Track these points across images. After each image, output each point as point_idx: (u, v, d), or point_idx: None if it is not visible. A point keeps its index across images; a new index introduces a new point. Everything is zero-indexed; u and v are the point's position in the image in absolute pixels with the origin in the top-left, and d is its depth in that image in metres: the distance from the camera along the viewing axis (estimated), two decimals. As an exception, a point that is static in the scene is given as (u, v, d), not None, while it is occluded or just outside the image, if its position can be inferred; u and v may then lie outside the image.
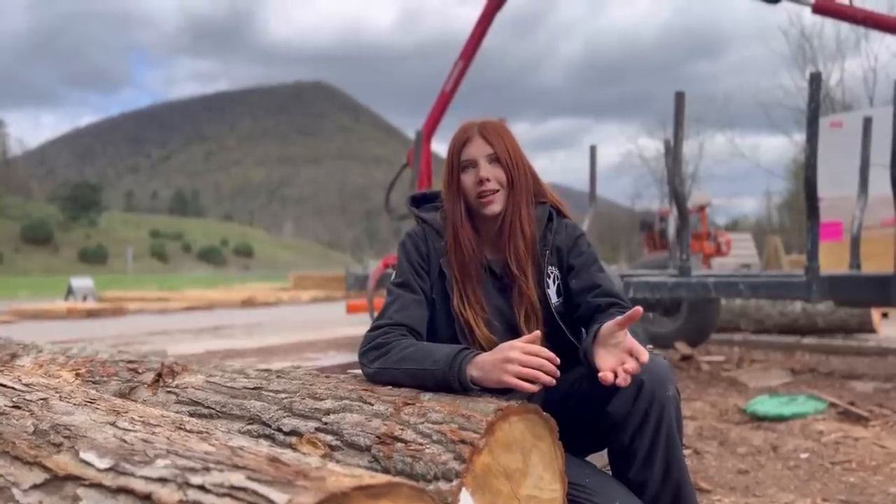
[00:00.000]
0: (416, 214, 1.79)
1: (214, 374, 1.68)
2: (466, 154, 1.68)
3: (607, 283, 1.66)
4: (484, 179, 1.64)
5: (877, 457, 2.85)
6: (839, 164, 6.68)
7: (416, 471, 1.20)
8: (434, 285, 1.70)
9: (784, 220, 39.46)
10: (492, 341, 1.64)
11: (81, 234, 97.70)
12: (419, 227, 1.76)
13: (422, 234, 1.74)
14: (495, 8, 6.89)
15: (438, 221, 1.75)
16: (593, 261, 1.71)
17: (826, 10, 5.53)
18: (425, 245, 1.72)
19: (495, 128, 1.69)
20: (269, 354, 6.92)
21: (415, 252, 1.72)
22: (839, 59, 27.71)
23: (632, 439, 1.47)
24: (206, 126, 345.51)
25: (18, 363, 2.07)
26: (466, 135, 1.69)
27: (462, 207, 1.69)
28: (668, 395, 1.46)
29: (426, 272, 1.71)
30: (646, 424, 1.46)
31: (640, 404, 1.44)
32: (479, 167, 1.65)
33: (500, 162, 1.66)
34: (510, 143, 1.68)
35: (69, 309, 13.76)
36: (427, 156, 6.93)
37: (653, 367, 1.47)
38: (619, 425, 1.47)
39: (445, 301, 1.69)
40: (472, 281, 1.68)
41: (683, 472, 1.52)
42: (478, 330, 1.66)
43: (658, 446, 1.47)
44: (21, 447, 1.05)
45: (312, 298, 19.13)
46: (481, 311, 1.67)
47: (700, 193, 18.94)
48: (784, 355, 5.96)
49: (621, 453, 1.51)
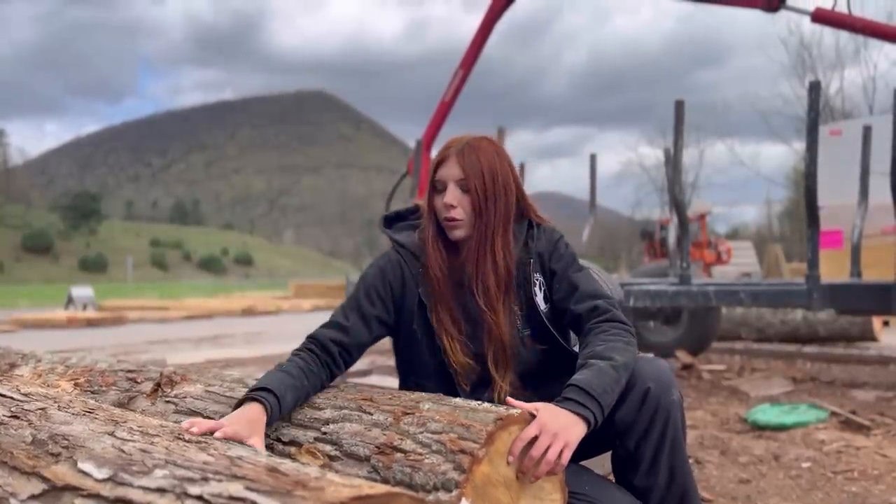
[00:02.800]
0: (390, 237, 1.71)
1: (213, 384, 1.68)
2: (439, 174, 1.61)
3: (585, 284, 1.62)
4: (448, 205, 1.58)
5: (879, 466, 2.83)
6: (839, 172, 6.69)
7: (415, 481, 1.19)
8: (413, 316, 1.63)
9: (785, 229, 39.50)
10: (469, 366, 1.60)
11: (82, 243, 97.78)
12: (394, 252, 1.68)
13: (396, 262, 1.66)
14: (495, 17, 6.91)
15: (416, 243, 1.67)
16: (571, 262, 1.67)
17: (825, 19, 5.55)
18: (399, 272, 1.65)
19: (477, 150, 1.59)
20: (270, 364, 6.89)
21: (378, 279, 1.64)
22: (839, 67, 27.78)
23: (637, 445, 1.47)
24: (206, 135, 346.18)
25: (17, 373, 2.06)
26: (445, 153, 1.62)
27: (434, 227, 1.63)
28: (673, 400, 1.46)
29: (391, 302, 1.64)
30: (651, 430, 1.45)
31: (647, 410, 1.44)
32: (447, 191, 1.59)
33: (470, 190, 1.58)
34: (489, 168, 1.58)
35: (69, 318, 13.74)
36: (427, 165, 6.93)
37: (657, 372, 1.48)
38: (624, 432, 1.47)
39: (428, 330, 1.62)
40: (446, 304, 1.61)
41: (688, 478, 1.51)
42: (452, 355, 1.60)
43: (663, 452, 1.46)
44: (19, 457, 1.05)
45: (313, 307, 19.09)
46: (457, 334, 1.61)
47: (700, 202, 18.99)
48: (785, 364, 5.95)
49: (626, 460, 1.50)
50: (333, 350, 1.56)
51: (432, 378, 1.64)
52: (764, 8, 5.64)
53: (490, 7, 6.90)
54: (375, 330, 1.63)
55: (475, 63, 7.10)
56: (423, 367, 1.65)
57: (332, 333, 1.58)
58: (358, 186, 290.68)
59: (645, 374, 1.46)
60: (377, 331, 1.63)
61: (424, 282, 1.62)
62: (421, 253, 1.64)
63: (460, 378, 1.61)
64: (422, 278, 1.63)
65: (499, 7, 6.86)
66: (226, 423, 1.26)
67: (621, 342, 1.49)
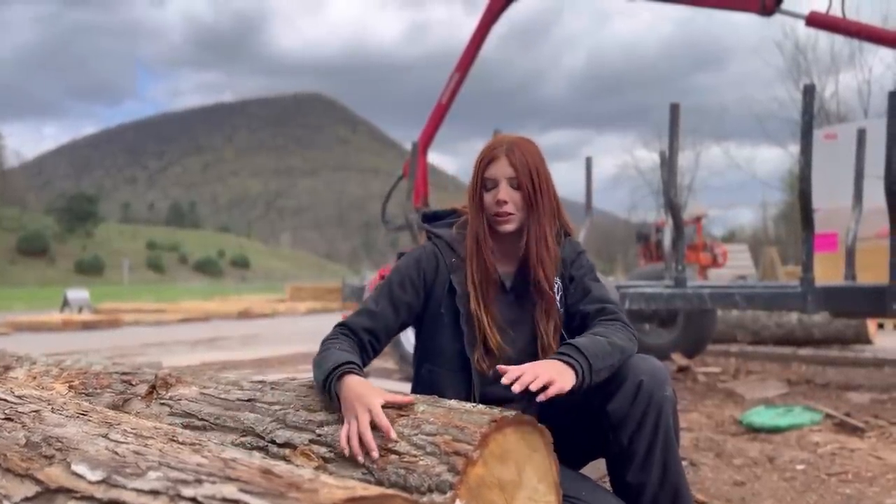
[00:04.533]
0: (428, 230, 1.81)
1: (208, 386, 1.68)
2: (489, 172, 1.69)
3: (598, 290, 1.72)
4: (501, 202, 1.67)
5: (873, 468, 2.84)
6: (834, 175, 6.71)
7: (409, 483, 1.20)
8: (442, 301, 1.72)
9: (780, 232, 39.52)
10: (503, 348, 1.68)
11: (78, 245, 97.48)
12: (430, 243, 1.78)
13: (431, 251, 1.75)
14: (491, 20, 6.93)
15: (453, 235, 1.77)
16: (589, 271, 1.77)
17: (820, 23, 5.57)
18: (434, 261, 1.74)
19: (523, 150, 1.69)
20: (265, 366, 6.90)
21: (413, 267, 1.73)
22: (833, 71, 27.85)
23: (630, 440, 1.50)
24: (203, 137, 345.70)
25: (12, 375, 2.06)
26: (493, 153, 1.70)
27: (484, 221, 1.71)
28: (666, 396, 1.50)
29: (422, 288, 1.73)
30: (644, 424, 1.48)
31: (639, 404, 1.48)
32: (499, 189, 1.67)
33: (521, 187, 1.67)
34: (535, 166, 1.69)
35: (65, 321, 13.70)
36: (423, 167, 6.94)
37: (650, 367, 1.52)
38: (617, 425, 1.50)
39: (454, 316, 1.70)
40: (491, 291, 1.70)
41: (681, 476, 1.53)
42: (491, 336, 1.68)
43: (656, 447, 1.49)
44: (13, 459, 1.05)
45: (309, 310, 19.09)
46: (495, 317, 1.70)
47: (696, 204, 19.04)
48: (780, 366, 5.96)
49: (620, 455, 1.53)
50: (364, 338, 1.66)
51: (449, 364, 1.71)
52: (758, 11, 5.66)
53: (486, 10, 6.91)
54: (403, 316, 1.72)
55: (471, 66, 7.11)
56: (442, 353, 1.72)
57: (363, 321, 1.67)
58: (355, 189, 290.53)
59: (639, 369, 1.51)
60: (404, 317, 1.72)
61: (458, 270, 1.71)
62: (456, 244, 1.74)
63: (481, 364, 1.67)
64: (455, 267, 1.72)
65: (495, 10, 6.87)
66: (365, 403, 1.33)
67: (622, 333, 1.58)
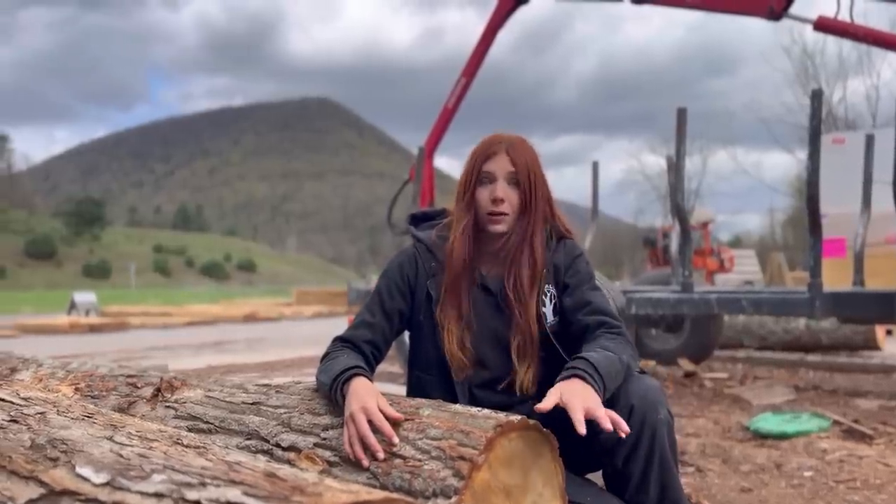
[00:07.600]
0: (412, 233, 1.78)
1: (213, 389, 1.68)
2: (488, 167, 1.64)
3: (598, 301, 1.64)
4: (498, 199, 1.61)
5: (881, 475, 2.82)
6: (842, 180, 6.68)
7: (414, 487, 1.19)
8: (420, 307, 1.68)
9: (788, 237, 39.37)
10: (459, 359, 1.63)
11: (85, 248, 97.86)
12: (412, 247, 1.75)
13: (412, 255, 1.72)
14: (498, 25, 6.92)
15: (433, 240, 1.72)
16: (588, 279, 1.69)
17: (827, 28, 5.54)
18: (413, 266, 1.70)
19: (523, 148, 1.65)
20: (271, 370, 6.91)
21: (397, 273, 1.71)
22: (842, 76, 27.76)
23: (625, 463, 1.45)
24: (210, 141, 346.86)
25: (18, 377, 2.06)
26: (492, 148, 1.65)
27: (471, 219, 1.65)
28: (660, 419, 1.44)
29: (408, 293, 1.69)
30: (638, 448, 1.44)
31: (631, 427, 1.40)
32: (497, 185, 1.62)
33: (519, 185, 1.62)
34: (534, 166, 1.65)
35: (72, 323, 13.74)
36: (429, 171, 6.93)
37: (643, 390, 1.46)
38: (611, 449, 1.45)
39: (433, 322, 1.66)
40: (456, 294, 1.65)
41: (680, 495, 1.50)
42: (448, 344, 1.63)
43: (652, 470, 1.45)
44: (17, 461, 1.05)
45: (315, 314, 19.10)
46: (457, 324, 1.64)
47: (703, 210, 18.95)
48: (788, 372, 5.93)
49: (615, 477, 1.50)
50: (366, 350, 1.64)
51: (433, 370, 1.68)
52: (767, 16, 5.64)
53: (493, 14, 6.91)
54: (397, 323, 1.70)
55: (478, 69, 7.10)
56: (427, 359, 1.69)
57: (362, 333, 1.66)
58: (361, 193, 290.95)
59: (630, 392, 1.45)
60: (399, 323, 1.71)
61: (436, 275, 1.67)
62: (436, 249, 1.70)
63: (456, 370, 1.64)
64: (433, 272, 1.68)
65: (503, 13, 6.87)
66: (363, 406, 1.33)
67: (629, 351, 1.52)
